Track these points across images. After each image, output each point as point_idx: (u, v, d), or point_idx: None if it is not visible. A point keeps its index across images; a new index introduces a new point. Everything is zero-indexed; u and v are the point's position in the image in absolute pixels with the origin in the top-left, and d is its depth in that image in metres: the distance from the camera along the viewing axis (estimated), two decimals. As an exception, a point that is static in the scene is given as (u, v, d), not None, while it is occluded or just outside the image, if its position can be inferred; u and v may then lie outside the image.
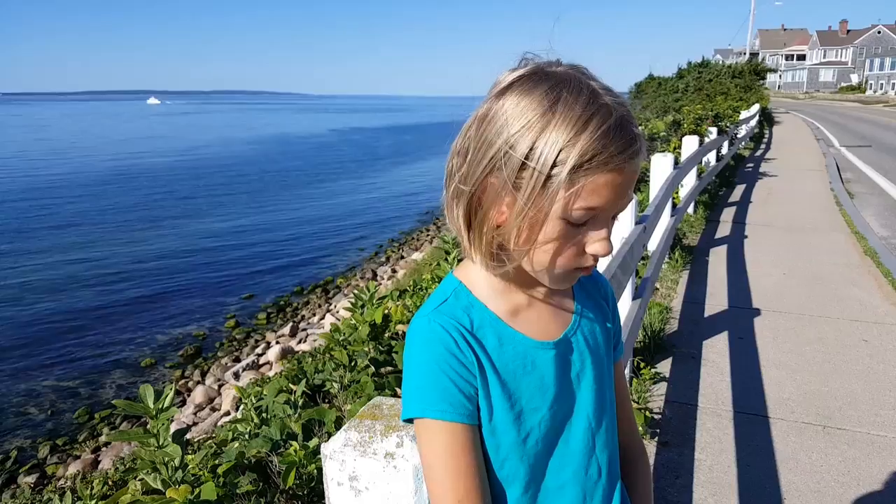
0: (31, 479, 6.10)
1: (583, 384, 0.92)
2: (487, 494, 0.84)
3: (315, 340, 8.79)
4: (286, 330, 9.70)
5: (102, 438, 6.72)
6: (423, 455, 0.83)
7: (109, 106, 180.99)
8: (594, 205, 0.75)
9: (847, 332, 4.58)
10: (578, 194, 0.74)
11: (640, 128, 0.79)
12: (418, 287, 4.12)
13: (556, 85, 0.76)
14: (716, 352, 4.24)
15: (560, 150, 0.73)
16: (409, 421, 0.85)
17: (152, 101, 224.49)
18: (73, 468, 6.17)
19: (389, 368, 2.74)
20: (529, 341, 0.88)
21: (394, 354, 2.80)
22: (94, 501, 2.77)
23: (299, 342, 9.19)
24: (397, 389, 2.48)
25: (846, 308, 5.07)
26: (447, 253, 3.55)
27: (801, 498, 2.73)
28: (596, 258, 0.81)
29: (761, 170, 13.36)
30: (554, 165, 0.73)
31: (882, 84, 70.59)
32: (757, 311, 4.97)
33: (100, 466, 6.13)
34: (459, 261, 1.04)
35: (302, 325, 10.08)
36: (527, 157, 0.75)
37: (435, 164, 32.68)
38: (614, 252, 0.83)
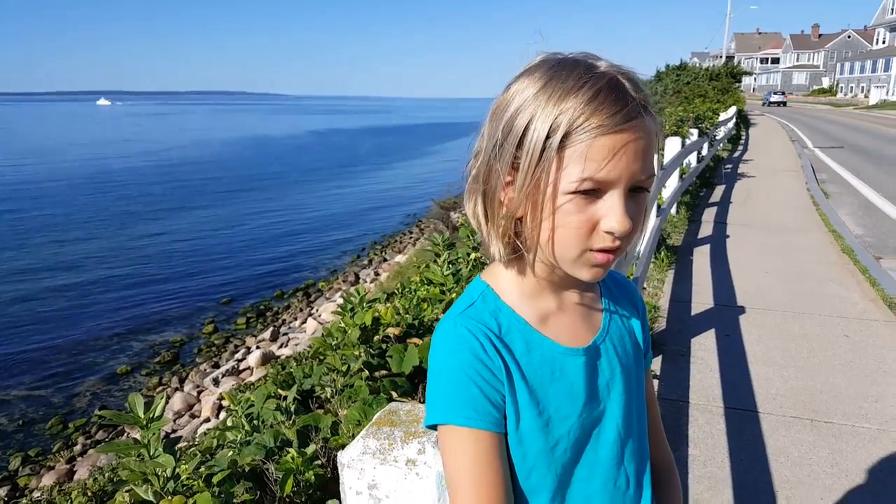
0: (1, 491, 5.93)
1: (612, 392, 0.89)
2: None
3: (297, 345, 8.70)
4: (266, 334, 9.59)
5: (92, 451, 6.56)
6: (447, 463, 0.80)
7: (53, 107, 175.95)
8: (593, 174, 0.72)
9: (829, 328, 4.64)
10: (575, 163, 0.72)
11: (645, 92, 0.75)
12: (407, 289, 4.09)
13: (557, 64, 0.76)
14: (704, 349, 4.27)
15: (553, 121, 0.72)
16: (433, 427, 0.82)
17: (102, 102, 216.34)
18: (48, 479, 6.01)
19: (384, 372, 2.71)
20: (558, 347, 0.85)
21: (387, 358, 2.77)
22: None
23: (280, 346, 9.09)
24: (393, 393, 2.45)
25: (827, 305, 5.14)
26: (437, 255, 3.53)
27: (793, 490, 2.75)
28: (613, 237, 0.75)
29: (740, 171, 13.54)
30: (548, 137, 0.72)
31: (852, 87, 72.03)
32: (742, 309, 5.02)
33: (76, 477, 5.99)
34: (483, 265, 1.02)
35: (283, 329, 9.97)
36: (523, 135, 0.74)
37: (417, 165, 32.66)
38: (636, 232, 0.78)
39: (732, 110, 21.22)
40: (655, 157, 0.78)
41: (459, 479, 0.78)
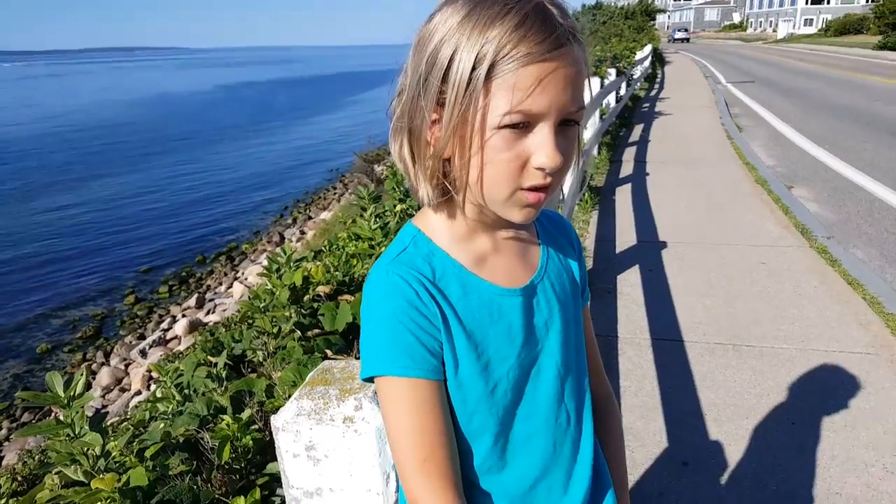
0: (-75, 484, 5.61)
1: (551, 331, 0.88)
2: (455, 451, 0.80)
3: (225, 310, 8.48)
4: (192, 302, 9.31)
5: (15, 436, 6.24)
6: (386, 414, 0.79)
7: None
8: (521, 106, 0.69)
9: (747, 256, 4.87)
10: (503, 95, 0.69)
11: (572, 20, 0.72)
12: (335, 246, 4.00)
13: None
14: (629, 285, 4.40)
15: (478, 51, 0.69)
16: (370, 380, 0.80)
17: None
18: (-29, 466, 5.73)
19: (317, 331, 2.65)
20: (495, 289, 0.84)
21: (319, 317, 2.71)
22: (4, 501, 2.55)
23: (207, 313, 8.85)
24: (328, 352, 2.40)
25: (744, 234, 5.38)
26: (363, 209, 3.45)
27: (719, 412, 2.90)
28: (544, 173, 0.73)
29: (657, 109, 13.86)
30: (474, 69, 0.69)
31: (761, 22, 74.55)
32: (664, 244, 5.19)
33: (4, 462, 5.72)
34: (410, 216, 0.99)
35: (208, 295, 9.70)
36: (448, 68, 0.71)
37: (336, 119, 31.84)
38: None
39: (648, 49, 21.57)
40: (586, 88, 0.75)
41: (399, 430, 0.77)
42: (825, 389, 3.06)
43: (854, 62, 26.11)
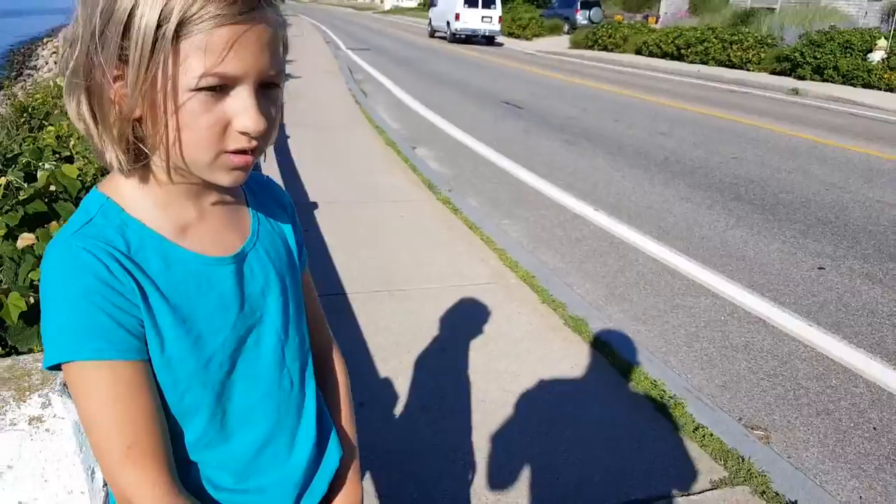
0: None
1: (268, 298, 0.87)
2: (164, 434, 0.76)
3: None
4: None
5: None
6: (81, 405, 0.72)
7: None
8: (216, 69, 0.67)
9: (387, 211, 5.38)
10: (194, 56, 0.66)
11: None
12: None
13: None
14: (289, 247, 4.50)
15: (162, 7, 0.64)
16: (56, 368, 0.71)
17: None
18: None
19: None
20: (202, 258, 0.80)
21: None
22: None
23: None
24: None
25: (381, 192, 5.92)
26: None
27: (385, 352, 3.24)
28: (248, 137, 0.71)
29: (286, 71, 13.94)
30: (158, 26, 0.65)
31: (369, -8, 79.71)
32: (315, 205, 5.41)
33: None
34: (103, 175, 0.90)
35: None
36: (128, 23, 0.65)
37: None
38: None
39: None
40: (282, 51, 0.75)
41: (98, 419, 0.71)
42: (463, 317, 3.65)
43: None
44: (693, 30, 19.87)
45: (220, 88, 0.68)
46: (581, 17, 28.38)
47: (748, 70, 17.53)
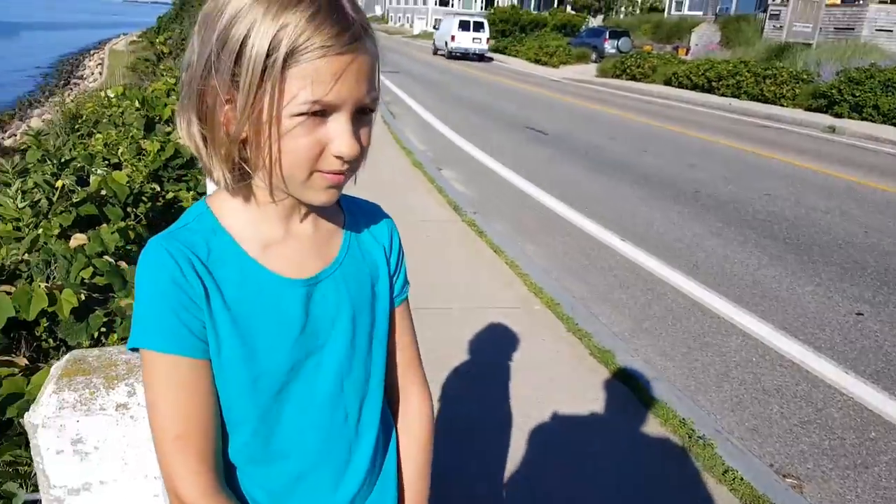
0: None
1: (337, 327, 0.86)
2: (214, 432, 0.79)
3: None
4: None
5: None
6: (146, 388, 0.78)
7: None
8: (321, 96, 0.70)
9: (417, 231, 5.36)
10: (301, 85, 0.70)
11: (363, 12, 0.76)
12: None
13: None
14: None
15: (272, 38, 0.69)
16: (136, 350, 0.78)
17: None
18: None
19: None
20: (276, 277, 0.82)
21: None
22: None
23: None
24: None
25: (410, 211, 5.91)
26: (7, 185, 2.88)
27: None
28: (342, 160, 0.75)
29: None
30: (268, 55, 0.69)
31: (400, 17, 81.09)
32: (341, 221, 5.41)
33: None
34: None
35: None
36: (240, 51, 0.70)
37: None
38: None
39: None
40: (378, 77, 0.77)
41: (158, 405, 0.76)
42: (487, 341, 3.59)
43: (475, 63, 30.26)
44: (725, 62, 19.67)
45: (321, 113, 0.72)
46: (609, 46, 28.38)
47: (782, 105, 17.34)
